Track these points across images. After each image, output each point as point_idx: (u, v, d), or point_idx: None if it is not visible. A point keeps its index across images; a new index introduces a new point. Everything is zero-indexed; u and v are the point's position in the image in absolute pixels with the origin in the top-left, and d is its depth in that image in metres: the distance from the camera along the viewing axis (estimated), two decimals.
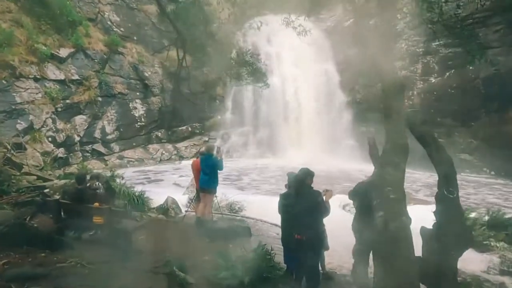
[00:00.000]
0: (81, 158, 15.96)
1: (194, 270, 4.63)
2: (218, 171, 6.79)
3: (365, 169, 17.66)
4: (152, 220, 7.30)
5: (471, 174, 16.84)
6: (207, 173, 6.71)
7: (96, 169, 15.28)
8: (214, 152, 6.85)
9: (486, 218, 7.71)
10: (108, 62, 18.48)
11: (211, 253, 5.58)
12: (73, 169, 13.99)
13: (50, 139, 14.54)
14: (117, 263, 4.53)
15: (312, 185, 4.35)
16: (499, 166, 16.47)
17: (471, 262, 6.07)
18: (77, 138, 16.17)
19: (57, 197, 6.74)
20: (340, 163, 19.21)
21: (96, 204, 5.56)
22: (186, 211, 8.62)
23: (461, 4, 9.04)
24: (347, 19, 23.79)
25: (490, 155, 16.67)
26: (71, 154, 15.75)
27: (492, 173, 16.56)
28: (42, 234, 5.07)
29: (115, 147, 17.88)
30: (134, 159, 18.01)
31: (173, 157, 19.99)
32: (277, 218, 8.18)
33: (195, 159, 7.47)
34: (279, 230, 7.46)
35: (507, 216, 7.50)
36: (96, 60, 17.74)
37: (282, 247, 5.70)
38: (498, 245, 6.69)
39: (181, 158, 20.23)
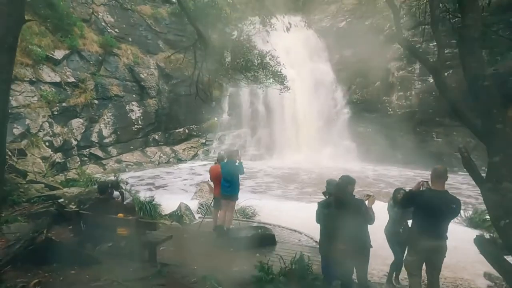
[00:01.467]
0: (79, 162, 15.54)
1: (230, 284, 4.47)
2: (240, 176, 6.64)
3: (363, 169, 17.91)
4: (170, 228, 7.08)
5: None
6: (229, 180, 6.54)
7: (94, 174, 14.92)
8: (235, 158, 6.68)
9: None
10: (103, 64, 18.08)
11: (239, 264, 5.43)
12: (72, 174, 13.57)
13: (47, 143, 14.10)
14: (152, 279, 4.32)
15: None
16: None
17: None
18: (74, 142, 15.75)
19: (72, 207, 6.46)
20: (339, 164, 19.20)
21: (120, 214, 5.32)
22: (200, 218, 8.43)
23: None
24: (342, 19, 23.90)
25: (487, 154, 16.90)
26: (69, 158, 15.32)
27: (444, 166, 16.78)
28: (68, 248, 4.82)
29: (113, 150, 17.49)
30: (132, 162, 17.64)
31: (171, 160, 19.69)
32: (293, 224, 8.13)
33: (213, 164, 7.27)
34: (299, 236, 7.39)
35: None
36: (91, 62, 17.32)
37: (309, 254, 5.60)
38: None
39: (179, 160, 19.95)
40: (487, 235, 7.23)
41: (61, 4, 15.39)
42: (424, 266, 4.19)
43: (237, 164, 6.74)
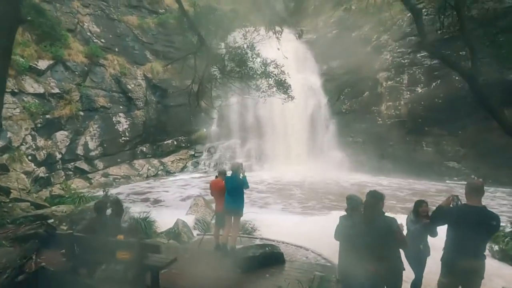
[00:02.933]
0: (64, 177, 14.83)
1: None
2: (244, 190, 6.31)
3: (354, 179, 17.83)
4: (168, 248, 6.64)
5: (459, 181, 17.17)
6: (233, 194, 6.20)
7: (80, 188, 14.27)
8: (240, 172, 6.37)
9: (507, 229, 7.67)
10: (89, 75, 17.54)
11: (250, 286, 5.08)
12: (56, 189, 12.88)
13: (30, 157, 13.39)
14: None
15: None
16: (486, 173, 16.91)
17: None
18: (58, 156, 15.04)
19: (64, 227, 5.97)
20: (329, 174, 19.10)
21: (120, 236, 4.89)
22: (198, 235, 8.03)
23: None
24: (329, 31, 24.11)
25: (477, 162, 17.13)
26: (53, 173, 14.59)
27: (480, 180, 16.96)
28: (61, 276, 4.35)
29: (99, 164, 16.82)
30: (120, 176, 17.00)
31: (159, 172, 19.13)
32: (296, 239, 7.82)
33: (214, 179, 6.91)
34: (306, 253, 7.07)
35: None
36: (76, 73, 16.75)
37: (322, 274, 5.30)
38: None
39: (168, 173, 19.41)
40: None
41: (49, 12, 14.98)
42: None
43: (241, 177, 6.43)
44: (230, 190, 6.24)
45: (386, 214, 4.02)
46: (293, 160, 21.40)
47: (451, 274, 3.80)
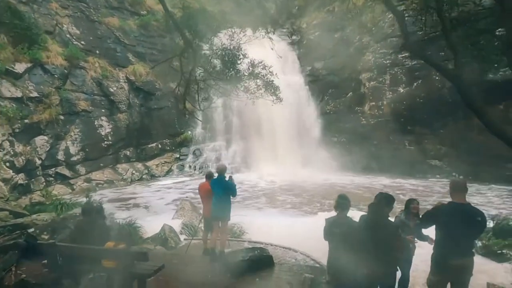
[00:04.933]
0: (44, 183, 14.38)
1: None
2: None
3: (339, 179, 17.97)
4: (155, 254, 6.50)
5: (441, 179, 17.56)
6: (220, 198, 6.09)
7: (62, 195, 13.88)
8: (226, 174, 6.27)
9: (491, 225, 7.86)
10: (69, 78, 17.08)
11: None
12: (37, 196, 12.48)
13: (8, 164, 12.92)
14: None
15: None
16: (466, 170, 17.35)
17: (497, 274, 6.04)
18: (38, 162, 14.57)
19: (45, 237, 5.75)
20: (315, 174, 19.21)
21: (110, 243, 4.72)
22: (185, 240, 7.91)
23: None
24: (312, 32, 24.31)
25: (458, 160, 17.54)
26: (33, 179, 14.13)
27: (461, 177, 17.35)
28: None
29: (81, 169, 16.40)
30: (103, 181, 16.62)
31: (144, 176, 18.81)
32: (285, 241, 7.79)
33: (202, 182, 6.79)
34: (295, 255, 7.05)
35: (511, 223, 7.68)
36: (56, 76, 16.29)
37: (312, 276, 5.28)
38: (511, 253, 6.76)
39: (153, 177, 19.12)
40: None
41: (26, 13, 14.53)
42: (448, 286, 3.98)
43: (227, 180, 6.32)
44: (217, 194, 6.13)
45: None
46: (278, 161, 21.39)
47: (441, 272, 3.84)
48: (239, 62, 8.36)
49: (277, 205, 12.81)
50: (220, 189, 6.16)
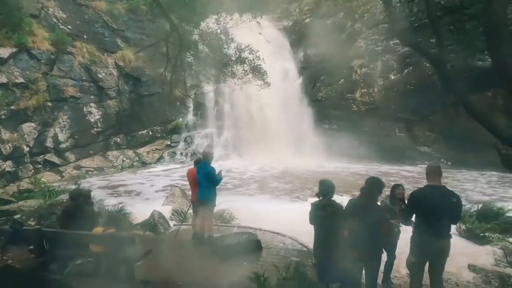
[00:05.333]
0: (33, 170, 14.24)
1: None
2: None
3: (331, 166, 18.11)
4: (144, 239, 6.52)
5: None
6: (204, 183, 6.09)
7: (51, 182, 13.76)
8: (211, 159, 6.25)
9: (475, 208, 8.04)
10: (56, 63, 16.76)
11: (228, 275, 5.07)
12: (25, 184, 12.35)
13: None
14: None
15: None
16: (455, 156, 17.63)
17: (478, 256, 6.19)
18: (26, 149, 14.39)
19: (31, 223, 5.73)
20: (306, 161, 19.29)
21: (98, 229, 4.72)
22: (175, 225, 7.93)
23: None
24: (303, 18, 24.07)
25: (446, 146, 17.79)
26: (21, 167, 13.97)
27: (449, 163, 17.63)
28: (30, 275, 4.16)
29: (70, 156, 16.24)
30: (93, 168, 16.51)
31: (135, 163, 18.72)
32: (274, 226, 7.86)
33: (191, 168, 6.78)
34: (283, 239, 7.13)
35: (495, 208, 7.87)
36: (42, 61, 15.97)
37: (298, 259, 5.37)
38: (493, 236, 6.93)
39: (144, 164, 19.04)
40: None
41: None
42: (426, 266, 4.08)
43: (210, 166, 6.29)
44: (201, 179, 6.13)
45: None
46: (270, 148, 21.43)
47: (419, 253, 3.95)
48: (225, 46, 8.25)
49: (268, 191, 12.86)
50: (203, 174, 6.16)
